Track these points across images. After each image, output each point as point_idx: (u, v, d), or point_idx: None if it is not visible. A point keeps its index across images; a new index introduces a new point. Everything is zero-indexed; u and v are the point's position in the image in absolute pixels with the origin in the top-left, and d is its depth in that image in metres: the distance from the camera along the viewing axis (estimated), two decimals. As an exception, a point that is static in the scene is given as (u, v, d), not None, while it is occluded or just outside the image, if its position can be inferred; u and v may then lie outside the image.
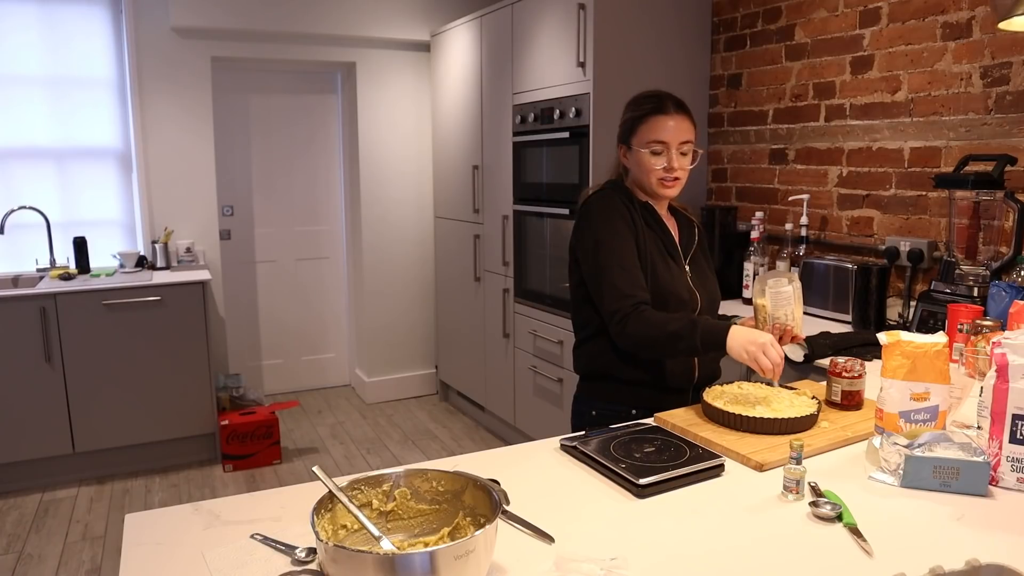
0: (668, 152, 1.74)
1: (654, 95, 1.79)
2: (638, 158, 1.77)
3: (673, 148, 1.74)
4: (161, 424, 3.72)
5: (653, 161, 1.74)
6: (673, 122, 1.74)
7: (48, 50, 3.94)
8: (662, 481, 1.26)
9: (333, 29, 4.35)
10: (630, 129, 1.79)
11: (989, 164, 2.27)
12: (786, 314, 1.65)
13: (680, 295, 1.77)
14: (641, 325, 1.67)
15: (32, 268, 4.00)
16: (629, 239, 1.74)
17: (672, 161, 1.74)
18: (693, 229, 1.91)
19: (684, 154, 1.76)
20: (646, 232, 1.78)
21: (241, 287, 4.73)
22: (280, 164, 4.73)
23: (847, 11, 2.82)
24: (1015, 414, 1.25)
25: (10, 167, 3.96)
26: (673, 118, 1.74)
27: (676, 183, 1.77)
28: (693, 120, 1.79)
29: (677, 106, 1.76)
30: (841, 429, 1.51)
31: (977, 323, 1.84)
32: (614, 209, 1.76)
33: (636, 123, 1.77)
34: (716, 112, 3.45)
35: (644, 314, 1.68)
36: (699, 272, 1.87)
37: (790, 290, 1.65)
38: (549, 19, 3.38)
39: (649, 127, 1.74)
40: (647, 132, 1.74)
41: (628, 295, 1.69)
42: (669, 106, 1.75)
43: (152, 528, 1.15)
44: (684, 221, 1.91)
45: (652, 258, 1.76)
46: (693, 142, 1.77)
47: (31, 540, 3.08)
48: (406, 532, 1.11)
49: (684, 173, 1.77)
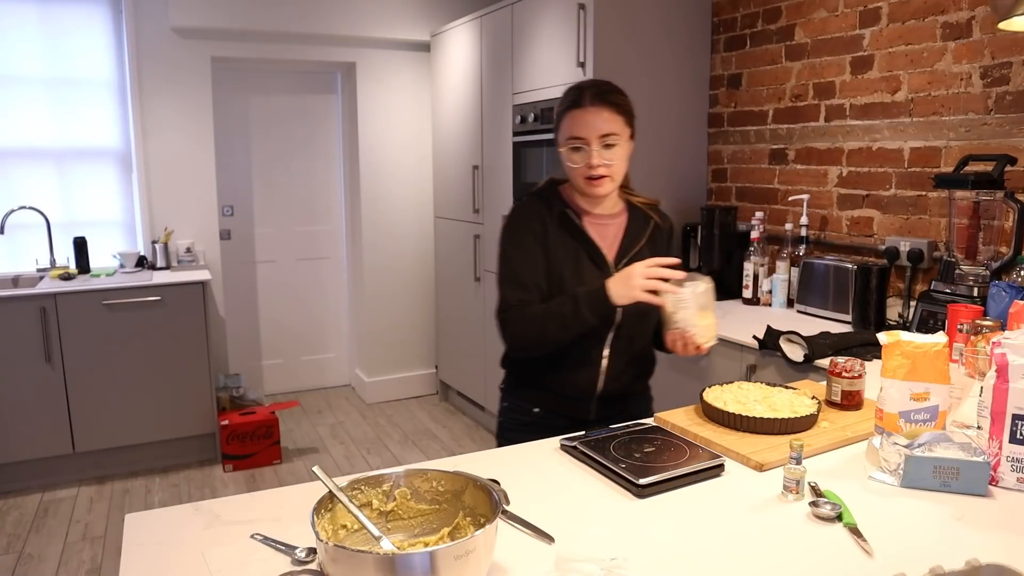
0: (588, 148, 1.61)
1: (575, 87, 1.67)
2: (562, 156, 1.68)
3: (593, 143, 1.60)
4: (161, 424, 3.72)
5: (574, 158, 1.64)
6: (590, 116, 1.60)
7: (48, 50, 3.94)
8: (662, 481, 1.27)
9: (333, 29, 4.35)
10: (556, 126, 1.69)
11: (989, 164, 2.27)
12: (684, 318, 1.56)
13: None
14: (520, 321, 1.64)
15: (32, 268, 4.00)
16: (532, 253, 1.66)
17: (591, 158, 1.61)
18: (645, 229, 1.75)
19: (609, 146, 1.62)
20: (562, 242, 1.67)
21: (241, 287, 4.73)
22: (280, 164, 4.73)
23: (847, 11, 2.82)
24: (1015, 414, 1.25)
25: (10, 167, 3.96)
26: (589, 111, 1.60)
27: (604, 181, 1.63)
28: (622, 109, 1.64)
29: (596, 96, 1.62)
30: (841, 429, 1.51)
31: (977, 323, 1.84)
32: (523, 221, 1.69)
33: (558, 119, 1.67)
34: (716, 112, 3.45)
35: (522, 310, 1.64)
36: None
37: (687, 293, 1.55)
38: (549, 19, 3.38)
39: (567, 123, 1.64)
40: (565, 129, 1.64)
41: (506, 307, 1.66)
42: (585, 98, 1.61)
43: (152, 528, 1.15)
44: (638, 220, 1.76)
45: (561, 270, 1.66)
46: (619, 134, 1.62)
47: (31, 540, 3.08)
48: (406, 532, 1.11)
49: (611, 169, 1.63)
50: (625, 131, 1.65)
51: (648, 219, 1.76)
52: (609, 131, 1.61)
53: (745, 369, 2.46)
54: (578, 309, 1.58)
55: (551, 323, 1.61)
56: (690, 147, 3.45)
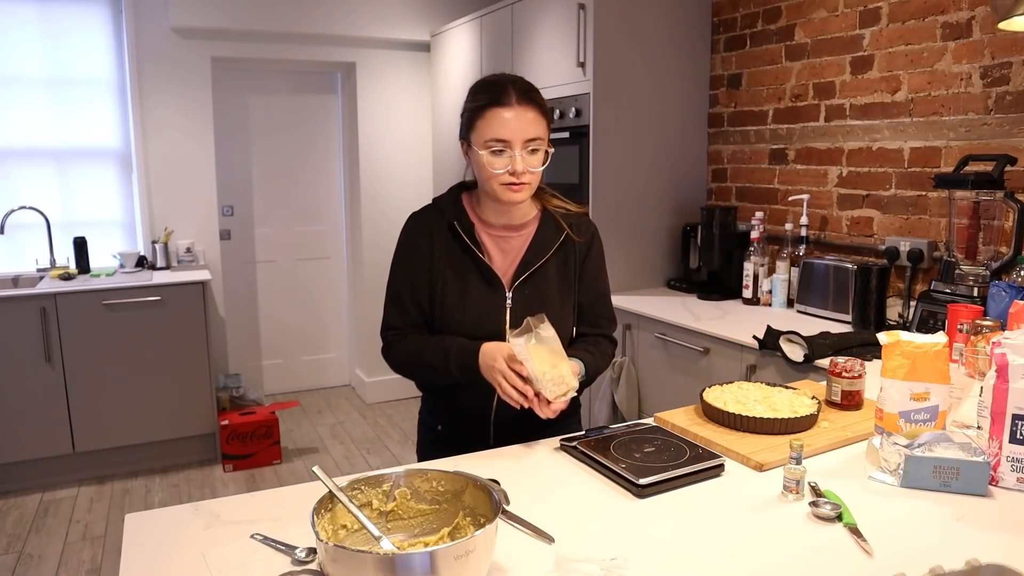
0: (511, 152, 1.46)
1: (495, 81, 1.51)
2: (477, 159, 1.50)
3: (517, 147, 1.46)
4: (161, 424, 3.72)
5: (494, 162, 1.47)
6: (515, 115, 1.45)
7: (48, 50, 3.94)
8: (662, 481, 1.26)
9: (333, 29, 4.35)
10: (468, 123, 1.52)
11: (989, 164, 2.27)
12: (531, 371, 1.39)
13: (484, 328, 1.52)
14: (396, 350, 1.57)
15: (32, 268, 4.00)
16: (413, 271, 1.56)
17: (516, 163, 1.46)
18: (553, 243, 1.58)
19: (533, 152, 1.48)
20: (450, 259, 1.55)
21: (241, 287, 4.73)
22: (280, 164, 4.73)
23: (847, 11, 2.82)
24: (1015, 414, 1.25)
25: (10, 167, 3.96)
26: (515, 110, 1.45)
27: (524, 188, 1.49)
28: (544, 111, 1.51)
29: (522, 95, 1.47)
30: (841, 429, 1.51)
31: (977, 323, 1.84)
32: (410, 234, 1.59)
33: (474, 117, 1.50)
34: (716, 112, 3.45)
35: (402, 343, 1.56)
36: (534, 298, 1.55)
37: (521, 343, 1.38)
38: (549, 19, 3.38)
39: (487, 123, 1.47)
40: (485, 128, 1.47)
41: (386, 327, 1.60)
42: (511, 96, 1.46)
43: (152, 528, 1.15)
44: (548, 232, 1.59)
45: (445, 291, 1.54)
46: (544, 139, 1.49)
47: (31, 540, 3.08)
48: (406, 532, 1.11)
49: (534, 176, 1.49)
50: (547, 135, 1.52)
51: (559, 232, 1.59)
52: (535, 135, 1.47)
53: (745, 369, 2.46)
54: (447, 364, 1.50)
55: (422, 365, 1.54)
56: (690, 147, 3.45)
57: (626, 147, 3.25)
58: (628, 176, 3.28)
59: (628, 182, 3.28)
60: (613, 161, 3.23)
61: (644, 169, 3.32)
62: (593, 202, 3.20)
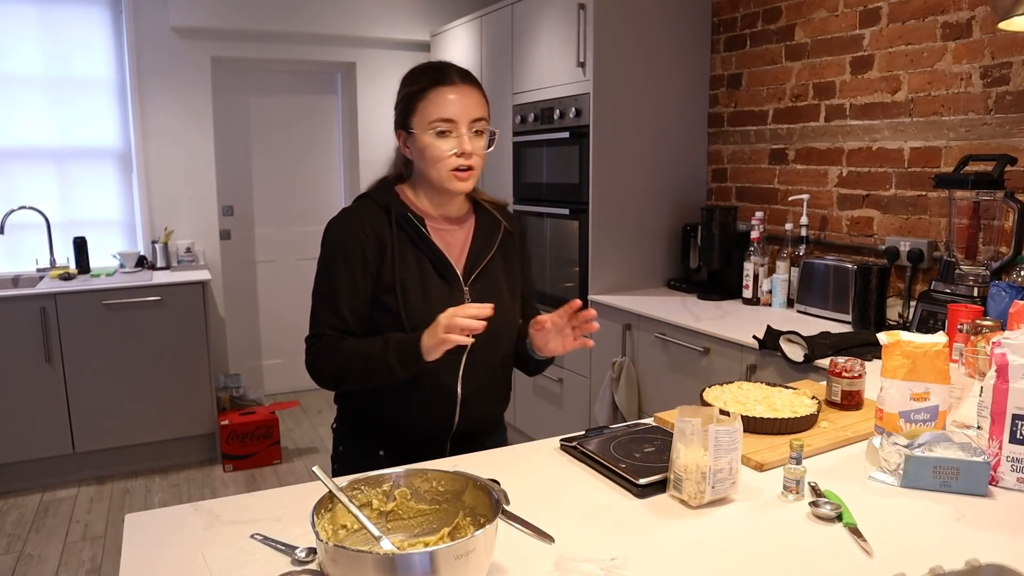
0: (458, 131, 1.41)
1: (432, 65, 1.47)
2: (421, 144, 1.43)
3: (463, 127, 1.41)
4: (161, 424, 3.72)
5: (440, 145, 1.41)
6: (459, 95, 1.42)
7: (48, 50, 3.94)
8: (662, 481, 1.26)
9: (333, 29, 4.35)
10: (406, 108, 1.45)
11: (989, 164, 2.27)
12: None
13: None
14: (326, 353, 1.44)
15: (32, 268, 4.00)
16: (357, 270, 1.45)
17: (464, 143, 1.41)
18: (495, 236, 1.55)
19: (478, 133, 1.44)
20: (403, 255, 1.46)
21: (241, 287, 4.73)
22: (280, 164, 4.73)
23: (847, 11, 2.82)
24: (1015, 414, 1.25)
25: (10, 167, 3.96)
26: (459, 90, 1.42)
27: (471, 174, 1.44)
28: (485, 95, 1.48)
29: (463, 75, 1.45)
30: (841, 429, 1.51)
31: (977, 323, 1.84)
32: (354, 229, 1.46)
33: (413, 100, 1.43)
34: (716, 112, 3.45)
35: (333, 342, 1.44)
36: (488, 291, 1.51)
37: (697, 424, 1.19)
38: (549, 19, 3.38)
39: (430, 103, 1.41)
40: (430, 109, 1.41)
41: (317, 333, 1.46)
42: (453, 75, 1.43)
43: (152, 528, 1.15)
44: (487, 226, 1.56)
45: (405, 286, 1.45)
46: (487, 119, 1.46)
47: (31, 540, 3.08)
48: (406, 532, 1.11)
49: (479, 160, 1.45)
50: (489, 118, 1.47)
51: (497, 224, 1.57)
52: (480, 115, 1.44)
53: (745, 369, 2.46)
54: (386, 355, 1.39)
55: (355, 364, 1.42)
56: (690, 147, 3.45)
57: (626, 147, 3.25)
58: (628, 176, 3.27)
59: (628, 182, 3.28)
60: (613, 161, 3.23)
61: (644, 169, 3.32)
62: (593, 202, 3.20)
